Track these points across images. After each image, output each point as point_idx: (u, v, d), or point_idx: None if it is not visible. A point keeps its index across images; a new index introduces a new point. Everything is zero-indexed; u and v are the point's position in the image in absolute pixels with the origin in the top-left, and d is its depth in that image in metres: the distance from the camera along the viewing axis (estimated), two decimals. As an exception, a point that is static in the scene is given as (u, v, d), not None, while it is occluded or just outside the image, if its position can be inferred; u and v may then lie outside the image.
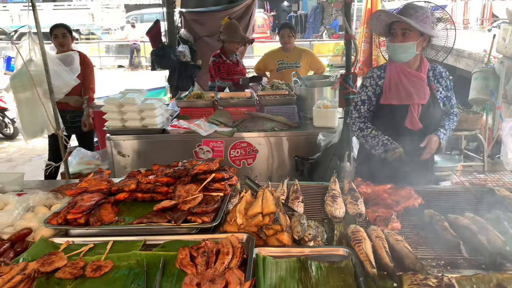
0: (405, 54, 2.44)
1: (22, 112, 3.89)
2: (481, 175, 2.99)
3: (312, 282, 1.46)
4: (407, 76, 2.50)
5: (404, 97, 2.49)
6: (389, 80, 2.53)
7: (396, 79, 2.51)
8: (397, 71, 2.52)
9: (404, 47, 2.41)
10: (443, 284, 1.41)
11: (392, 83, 2.52)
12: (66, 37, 4.46)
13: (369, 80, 2.63)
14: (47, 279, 1.44)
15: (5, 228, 1.73)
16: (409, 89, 2.47)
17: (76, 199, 1.75)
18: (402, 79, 2.49)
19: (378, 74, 2.62)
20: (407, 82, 2.48)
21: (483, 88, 5.96)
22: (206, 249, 1.48)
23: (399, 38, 2.41)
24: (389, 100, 2.53)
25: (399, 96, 2.50)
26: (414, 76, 2.49)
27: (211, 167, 1.88)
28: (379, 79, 2.59)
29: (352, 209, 1.96)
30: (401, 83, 2.49)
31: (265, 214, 1.68)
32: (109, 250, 1.60)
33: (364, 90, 2.64)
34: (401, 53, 2.44)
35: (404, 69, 2.50)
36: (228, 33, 4.89)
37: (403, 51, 2.42)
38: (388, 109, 2.54)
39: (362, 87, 2.67)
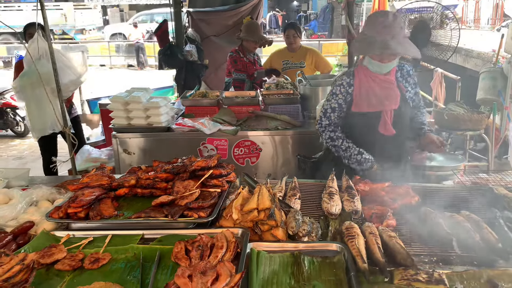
0: (388, 69, 2.44)
1: (31, 110, 3.98)
2: (483, 175, 2.99)
3: (304, 276, 1.48)
4: (377, 82, 2.46)
5: (376, 104, 2.47)
6: (359, 87, 2.49)
7: (366, 86, 2.47)
8: (366, 78, 2.48)
9: (391, 65, 2.42)
10: (433, 279, 1.43)
11: (362, 90, 2.48)
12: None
13: (339, 88, 2.56)
14: (47, 270, 1.49)
15: (9, 221, 1.79)
16: (380, 95, 2.45)
17: (77, 194, 1.80)
18: (372, 85, 2.46)
19: (347, 81, 2.54)
20: (378, 88, 2.45)
21: (491, 88, 5.90)
22: (201, 243, 1.52)
23: (387, 59, 2.38)
24: (361, 108, 2.50)
25: (370, 104, 2.47)
26: (384, 82, 2.46)
27: (209, 164, 1.92)
28: (349, 87, 2.53)
29: (349, 206, 1.99)
30: (371, 90, 2.46)
31: (261, 209, 1.71)
32: (107, 244, 1.65)
33: (335, 98, 2.57)
34: (386, 69, 2.43)
35: (373, 75, 2.46)
36: (247, 32, 4.95)
37: (388, 67, 2.43)
38: (360, 116, 2.52)
39: (332, 95, 2.60)
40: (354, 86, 2.51)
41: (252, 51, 5.14)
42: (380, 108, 2.46)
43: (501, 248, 1.60)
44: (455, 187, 2.44)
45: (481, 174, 3.13)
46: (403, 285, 1.43)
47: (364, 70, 2.50)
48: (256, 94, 4.38)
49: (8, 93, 8.65)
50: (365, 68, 2.49)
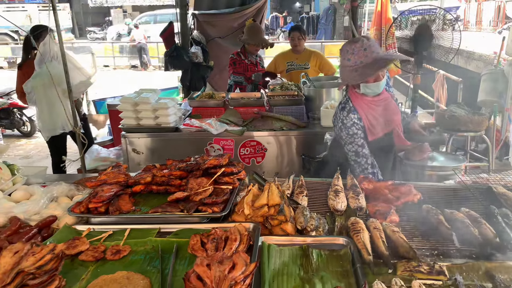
0: (384, 84, 2.50)
1: (42, 110, 4.09)
2: (484, 175, 3.07)
3: (313, 267, 1.58)
4: (377, 104, 2.54)
5: (387, 126, 2.56)
6: (366, 117, 2.54)
7: (372, 113, 2.53)
8: (368, 106, 2.53)
9: (384, 81, 2.47)
10: (434, 271, 1.53)
11: (370, 119, 2.54)
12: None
13: (354, 127, 2.56)
14: (72, 261, 1.59)
15: (32, 216, 1.89)
16: (386, 116, 2.54)
17: (97, 190, 1.90)
18: (377, 110, 2.53)
19: (356, 117, 2.55)
20: (382, 110, 2.54)
21: (492, 90, 5.98)
22: (216, 236, 1.61)
23: (382, 74, 2.44)
24: (376, 135, 2.58)
25: (382, 128, 2.56)
26: (381, 101, 2.54)
27: (221, 162, 2.01)
28: (360, 121, 2.56)
29: (354, 203, 2.08)
30: (377, 115, 2.53)
31: (271, 205, 1.80)
32: (126, 237, 1.75)
33: (356, 137, 2.57)
34: (382, 85, 2.48)
35: (370, 100, 2.52)
36: (249, 35, 5.05)
37: (384, 82, 2.48)
38: (376, 141, 2.59)
39: (351, 137, 2.57)
40: (362, 120, 2.55)
41: (254, 53, 5.23)
42: (392, 127, 2.57)
43: (498, 243, 1.69)
44: (456, 186, 2.53)
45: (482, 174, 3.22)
46: (405, 276, 1.52)
47: (361, 99, 2.53)
48: (261, 95, 4.48)
49: (15, 93, 8.77)
50: (361, 96, 2.53)
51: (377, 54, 2.37)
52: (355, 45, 2.40)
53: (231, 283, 1.27)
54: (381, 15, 6.88)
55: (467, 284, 1.48)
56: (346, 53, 2.44)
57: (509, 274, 1.54)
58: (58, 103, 3.90)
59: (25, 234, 1.68)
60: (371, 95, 2.52)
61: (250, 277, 1.32)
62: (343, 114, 2.58)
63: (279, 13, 27.87)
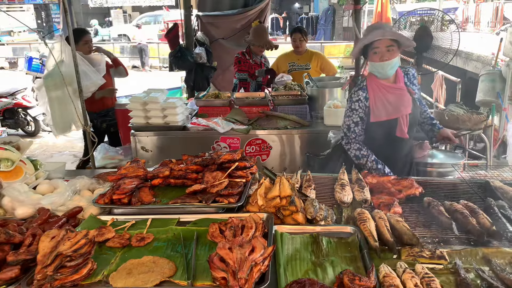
0: (392, 70, 2.61)
1: (53, 109, 4.20)
2: (482, 171, 3.20)
3: (323, 253, 1.71)
4: (389, 91, 2.65)
5: (392, 112, 2.66)
6: (374, 98, 2.66)
7: (381, 96, 2.65)
8: (379, 88, 2.65)
9: (393, 63, 2.57)
10: (435, 256, 1.66)
11: (378, 101, 2.66)
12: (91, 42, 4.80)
13: (358, 103, 2.71)
14: (100, 248, 1.71)
15: (59, 207, 2.01)
16: (394, 103, 2.63)
17: (119, 183, 2.03)
18: (386, 95, 2.64)
19: (363, 96, 2.70)
20: (391, 96, 2.64)
21: (490, 90, 6.11)
22: (233, 224, 1.74)
23: (386, 56, 2.54)
24: (379, 118, 2.68)
25: (387, 112, 2.66)
26: (395, 89, 2.65)
27: (234, 157, 2.14)
28: (366, 100, 2.69)
29: (359, 196, 2.21)
30: (386, 99, 2.64)
31: (282, 197, 1.93)
32: (148, 226, 1.87)
33: (355, 113, 2.72)
34: (390, 69, 2.60)
35: (384, 85, 2.65)
36: (254, 36, 5.16)
37: (391, 67, 2.59)
38: (378, 125, 2.71)
39: (352, 111, 2.73)
40: (369, 99, 2.68)
41: (259, 54, 5.35)
42: (397, 115, 2.66)
43: (494, 231, 1.82)
44: (455, 181, 2.66)
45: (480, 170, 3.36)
46: (409, 261, 1.65)
47: (374, 80, 2.67)
48: (265, 95, 4.60)
49: (20, 93, 8.89)
50: (374, 77, 2.68)
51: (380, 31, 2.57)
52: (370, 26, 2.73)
53: (252, 264, 1.39)
54: (381, 16, 7.03)
55: (466, 268, 1.61)
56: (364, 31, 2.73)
57: (504, 259, 1.67)
58: (69, 103, 4.02)
59: (55, 222, 1.80)
60: (381, 78, 2.65)
61: (268, 259, 1.44)
62: (354, 89, 2.77)
63: (278, 14, 28.01)
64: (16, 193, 2.01)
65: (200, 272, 1.52)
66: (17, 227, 1.73)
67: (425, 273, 1.50)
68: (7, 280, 1.45)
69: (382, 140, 2.72)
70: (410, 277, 1.46)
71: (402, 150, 2.75)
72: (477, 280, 1.53)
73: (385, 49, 2.53)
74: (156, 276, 1.48)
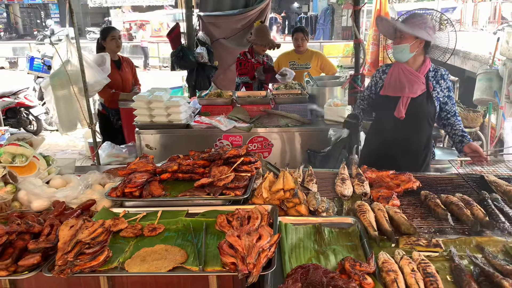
0: (401, 54, 2.79)
1: (59, 108, 4.29)
2: (478, 168, 3.30)
3: (325, 242, 1.81)
4: (405, 73, 2.84)
5: (398, 90, 2.84)
6: (391, 75, 2.91)
7: (396, 75, 2.87)
8: (398, 68, 2.87)
9: (400, 48, 2.78)
10: (431, 244, 1.76)
11: (392, 78, 2.89)
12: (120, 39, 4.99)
13: (377, 73, 3.06)
14: (114, 237, 1.81)
15: (72, 200, 2.11)
16: (403, 83, 2.82)
17: (130, 177, 2.12)
18: (401, 75, 2.84)
19: (383, 69, 3.02)
20: (404, 77, 2.83)
21: (487, 88, 6.22)
22: (239, 215, 1.83)
23: (397, 41, 2.79)
24: (386, 92, 2.91)
25: (394, 89, 2.86)
26: (411, 73, 2.83)
27: (240, 152, 2.24)
28: (383, 74, 2.99)
29: (359, 189, 2.31)
30: (398, 78, 2.85)
31: (286, 190, 2.03)
32: (159, 218, 1.97)
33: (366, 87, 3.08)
34: (398, 53, 2.81)
35: (404, 67, 2.85)
36: (257, 36, 5.25)
37: (399, 51, 2.79)
38: (384, 99, 2.92)
39: (371, 77, 3.07)
40: (387, 74, 2.95)
41: (261, 53, 5.45)
42: (400, 93, 2.83)
43: (488, 221, 1.92)
44: (451, 176, 2.75)
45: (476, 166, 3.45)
46: (407, 249, 1.74)
47: (398, 64, 2.89)
48: (266, 94, 4.69)
49: (22, 93, 8.97)
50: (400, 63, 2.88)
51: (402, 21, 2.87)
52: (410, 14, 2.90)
53: (259, 250, 1.49)
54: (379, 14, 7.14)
55: (460, 255, 1.71)
56: None
57: (496, 247, 1.77)
58: (74, 101, 4.11)
59: (70, 214, 1.90)
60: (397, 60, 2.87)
61: (274, 245, 1.54)
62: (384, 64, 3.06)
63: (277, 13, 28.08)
64: (31, 186, 2.11)
65: (210, 259, 1.62)
66: (35, 218, 1.82)
67: (422, 259, 1.60)
68: (29, 266, 1.55)
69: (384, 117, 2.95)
70: (407, 263, 1.56)
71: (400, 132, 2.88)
72: (470, 266, 1.63)
73: (398, 35, 2.79)
74: (169, 263, 1.58)
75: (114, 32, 4.91)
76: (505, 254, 1.72)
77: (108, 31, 4.91)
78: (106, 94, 4.89)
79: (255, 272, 1.43)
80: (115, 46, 4.90)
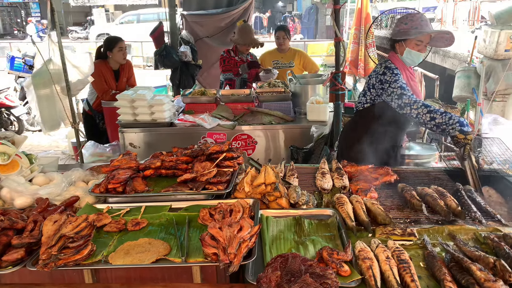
0: (420, 59, 2.84)
1: (42, 107, 4.27)
2: (455, 162, 3.41)
3: (305, 233, 1.86)
4: (410, 77, 2.89)
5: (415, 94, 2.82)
6: (405, 78, 2.81)
7: (406, 79, 2.84)
8: (404, 71, 2.85)
9: (423, 56, 2.83)
10: (406, 233, 1.83)
11: (407, 83, 2.80)
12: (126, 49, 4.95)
13: (396, 69, 2.76)
14: (98, 232, 1.83)
15: (56, 197, 2.12)
16: (414, 88, 2.85)
17: (113, 173, 2.14)
18: (409, 79, 2.87)
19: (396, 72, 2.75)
20: (412, 82, 2.88)
21: (466, 86, 6.39)
22: (222, 209, 1.88)
23: (424, 49, 2.81)
24: None
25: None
26: (413, 76, 2.92)
27: (222, 148, 2.28)
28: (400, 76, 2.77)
29: (338, 183, 2.37)
30: (409, 83, 2.83)
31: (267, 184, 2.09)
32: (142, 213, 2.00)
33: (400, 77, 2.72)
34: (417, 57, 2.81)
35: (407, 69, 2.88)
36: (240, 35, 5.27)
37: (420, 56, 2.81)
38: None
39: (395, 75, 2.72)
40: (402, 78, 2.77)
41: (245, 52, 5.48)
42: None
43: (460, 211, 2.00)
44: (428, 169, 2.84)
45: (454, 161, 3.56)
46: (383, 238, 1.82)
47: (399, 63, 2.85)
48: (250, 92, 4.74)
49: (3, 93, 8.83)
50: (401, 62, 2.85)
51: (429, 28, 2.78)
52: (416, 15, 2.83)
53: (240, 240, 1.54)
54: (361, 12, 7.25)
55: (433, 243, 1.78)
56: (405, 19, 2.83)
57: (467, 235, 1.85)
58: (57, 100, 4.10)
59: (54, 210, 1.91)
60: (408, 65, 2.86)
61: (255, 236, 1.59)
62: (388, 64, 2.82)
63: (262, 13, 28.16)
64: (14, 184, 2.12)
65: (192, 251, 1.66)
66: (18, 215, 1.84)
67: (396, 247, 1.67)
68: (13, 261, 1.57)
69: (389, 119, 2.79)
70: (382, 250, 1.63)
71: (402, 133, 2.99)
72: (442, 253, 1.71)
73: (425, 44, 2.78)
74: (152, 255, 1.61)
75: (122, 43, 4.84)
76: (475, 241, 1.81)
77: (115, 41, 4.80)
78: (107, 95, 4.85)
79: (236, 262, 1.48)
80: (121, 58, 4.86)
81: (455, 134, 2.41)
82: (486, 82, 6.17)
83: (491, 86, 6.12)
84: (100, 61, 4.84)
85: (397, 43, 2.85)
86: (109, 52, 4.80)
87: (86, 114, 5.21)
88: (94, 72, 4.52)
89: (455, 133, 2.41)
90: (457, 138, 2.41)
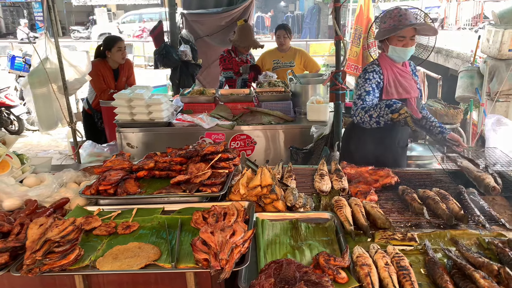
0: (409, 55, 2.77)
1: (39, 106, 4.21)
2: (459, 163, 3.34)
3: (302, 237, 1.80)
4: (400, 73, 2.80)
5: (402, 92, 2.78)
6: (388, 77, 2.77)
7: (393, 76, 2.78)
8: (391, 68, 2.79)
9: (412, 49, 2.76)
10: (406, 238, 1.76)
11: (390, 80, 2.77)
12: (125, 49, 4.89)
13: (372, 73, 2.77)
14: (87, 236, 1.77)
15: (46, 199, 2.06)
16: (404, 84, 2.78)
17: (105, 174, 2.08)
18: (397, 75, 2.79)
19: (377, 69, 2.78)
20: (401, 78, 2.79)
21: (469, 86, 6.29)
22: (215, 212, 1.81)
23: (410, 43, 2.72)
24: (390, 96, 2.76)
25: (398, 92, 2.78)
26: (404, 72, 2.82)
27: (217, 149, 2.22)
28: (380, 74, 2.78)
29: (337, 185, 2.31)
30: (397, 79, 2.78)
31: (263, 186, 2.02)
32: (134, 216, 1.94)
33: (368, 82, 2.75)
34: (406, 53, 2.75)
35: (396, 66, 2.80)
36: (240, 36, 5.18)
37: (409, 52, 2.74)
38: None
39: (365, 80, 2.77)
40: (383, 75, 2.77)
41: (244, 53, 5.42)
42: (407, 96, 2.78)
43: (463, 215, 1.93)
44: (430, 171, 2.77)
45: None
46: (382, 243, 1.75)
47: (388, 61, 2.80)
48: (250, 91, 4.68)
49: (3, 92, 8.80)
50: (387, 59, 2.80)
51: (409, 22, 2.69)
52: (394, 12, 2.76)
53: (232, 246, 1.47)
54: (362, 11, 7.18)
55: (434, 248, 1.71)
56: (385, 17, 2.79)
57: (470, 239, 1.78)
58: (54, 99, 4.04)
59: (42, 213, 1.86)
60: (397, 62, 2.80)
61: (248, 241, 1.53)
62: (368, 65, 2.84)
63: (264, 13, 28.09)
64: (3, 185, 2.06)
65: (183, 256, 1.60)
66: (5, 217, 1.78)
67: (396, 253, 1.60)
68: (-3, 266, 1.51)
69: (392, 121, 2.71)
70: (381, 256, 1.56)
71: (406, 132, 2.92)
72: (444, 259, 1.64)
73: (410, 38, 2.70)
74: (141, 260, 1.55)
75: (121, 42, 4.77)
76: (478, 246, 1.74)
77: (114, 41, 4.74)
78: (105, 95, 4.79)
79: (228, 268, 1.42)
80: (120, 58, 4.79)
81: (389, 117, 2.42)
82: (490, 82, 6.08)
83: (494, 86, 6.03)
84: (99, 60, 4.79)
85: (382, 43, 2.82)
86: (108, 51, 4.75)
87: (85, 113, 5.16)
88: (93, 71, 4.46)
89: (389, 117, 2.42)
90: (395, 119, 2.40)
